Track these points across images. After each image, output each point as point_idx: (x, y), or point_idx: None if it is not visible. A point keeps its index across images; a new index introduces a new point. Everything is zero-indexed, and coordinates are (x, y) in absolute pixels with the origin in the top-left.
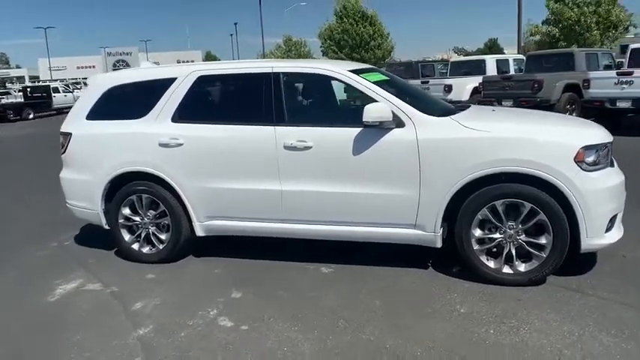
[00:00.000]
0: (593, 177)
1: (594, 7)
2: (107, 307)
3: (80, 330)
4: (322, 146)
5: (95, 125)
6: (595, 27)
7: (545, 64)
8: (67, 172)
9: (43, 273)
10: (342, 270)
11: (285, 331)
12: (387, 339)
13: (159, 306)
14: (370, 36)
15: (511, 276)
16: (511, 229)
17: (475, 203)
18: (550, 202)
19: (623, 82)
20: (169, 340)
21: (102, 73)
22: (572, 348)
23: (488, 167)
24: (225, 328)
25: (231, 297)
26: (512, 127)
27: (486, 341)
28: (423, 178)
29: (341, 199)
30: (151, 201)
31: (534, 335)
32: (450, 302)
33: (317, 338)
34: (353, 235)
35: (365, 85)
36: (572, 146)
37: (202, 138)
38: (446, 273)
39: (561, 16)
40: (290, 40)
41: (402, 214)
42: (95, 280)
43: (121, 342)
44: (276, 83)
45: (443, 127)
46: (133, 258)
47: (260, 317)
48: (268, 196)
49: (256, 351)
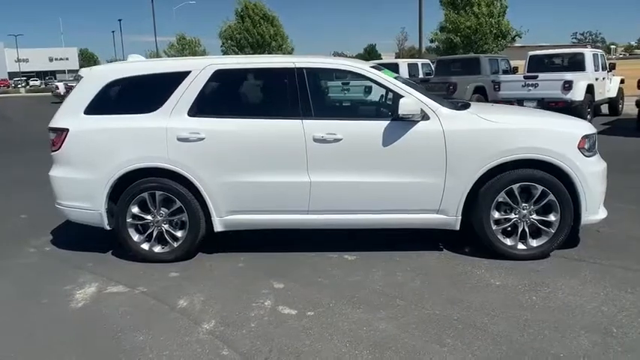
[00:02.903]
0: (591, 161)
1: (488, 17)
2: (150, 307)
3: (138, 331)
4: (352, 138)
5: (96, 120)
6: (490, 35)
7: (453, 69)
8: (60, 171)
9: (41, 281)
10: (364, 256)
11: (353, 313)
12: (451, 312)
13: (207, 302)
14: (271, 36)
15: (525, 251)
16: (524, 209)
17: (494, 187)
18: (558, 184)
19: (530, 84)
20: (243, 331)
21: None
22: (606, 305)
23: (509, 155)
24: (292, 316)
25: (274, 287)
26: (524, 119)
27: (535, 306)
28: (449, 167)
29: (370, 188)
30: (165, 198)
31: (570, 298)
32: (481, 277)
33: (387, 317)
34: (379, 222)
35: (389, 81)
36: (575, 135)
37: (226, 132)
38: (460, 253)
39: (459, 25)
40: (184, 39)
41: (427, 201)
42: (113, 283)
43: (192, 338)
44: (300, 78)
45: (465, 120)
46: (143, 258)
47: (319, 303)
48: (296, 188)
49: (338, 333)
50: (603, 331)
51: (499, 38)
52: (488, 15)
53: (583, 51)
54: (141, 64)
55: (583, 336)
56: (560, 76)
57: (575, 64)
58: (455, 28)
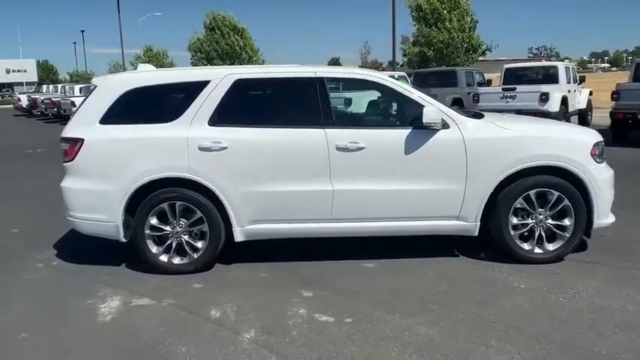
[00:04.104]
0: (601, 168)
1: (460, 32)
2: (182, 318)
3: (178, 343)
4: (374, 147)
5: (114, 130)
6: (461, 49)
7: (431, 81)
8: (73, 182)
9: (59, 295)
10: (383, 264)
11: (391, 319)
12: (487, 314)
13: (240, 312)
14: (241, 48)
15: (541, 255)
16: (540, 214)
17: (512, 194)
18: (573, 189)
19: (508, 96)
20: (287, 339)
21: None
22: (631, 304)
23: (528, 161)
24: (331, 323)
25: (304, 296)
26: (540, 128)
27: (565, 306)
28: (469, 174)
29: (391, 196)
30: (184, 208)
31: (595, 299)
32: (505, 281)
33: (426, 321)
34: (399, 229)
35: (410, 91)
36: (588, 142)
37: (249, 141)
38: (476, 258)
39: (432, 39)
40: (151, 51)
41: (448, 207)
42: (136, 296)
43: (237, 348)
44: (322, 87)
45: (485, 128)
46: (164, 270)
47: (354, 310)
48: (319, 196)
49: (383, 338)
50: (636, 329)
51: (470, 52)
52: (460, 29)
53: (556, 64)
54: (157, 73)
55: (618, 334)
56: (537, 88)
57: (549, 77)
58: (428, 42)
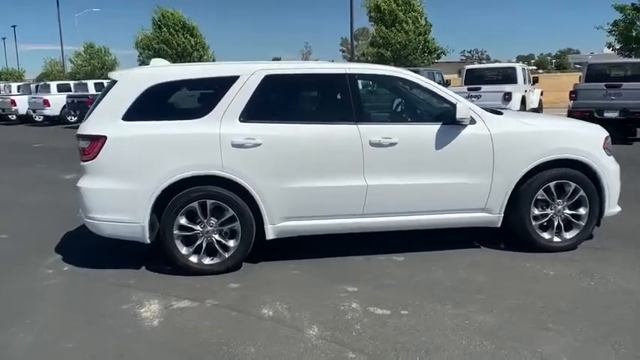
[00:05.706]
0: (611, 160)
1: (416, 34)
2: (234, 318)
3: (244, 343)
4: (407, 142)
5: (139, 127)
6: (419, 51)
7: None
8: (94, 182)
9: (86, 302)
10: (412, 257)
11: (445, 309)
12: (533, 301)
13: (291, 309)
14: (192, 47)
15: (560, 243)
16: (559, 205)
17: (534, 186)
18: (588, 181)
19: (473, 95)
20: (353, 333)
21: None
22: None
23: (550, 154)
24: (389, 315)
25: (350, 291)
26: (557, 123)
27: (598, 290)
28: (496, 167)
29: (423, 190)
30: (215, 207)
31: (622, 282)
32: (534, 269)
33: (480, 310)
34: (428, 223)
35: (439, 88)
36: (601, 136)
37: (282, 137)
38: (497, 249)
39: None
40: (92, 47)
41: (475, 200)
42: (174, 298)
43: (307, 345)
44: (353, 84)
45: (509, 123)
46: (196, 271)
47: (405, 302)
48: (352, 191)
49: (446, 328)
50: None
51: (426, 54)
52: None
53: (515, 66)
54: (181, 68)
55: None
56: (501, 88)
57: (508, 77)
58: (385, 43)
